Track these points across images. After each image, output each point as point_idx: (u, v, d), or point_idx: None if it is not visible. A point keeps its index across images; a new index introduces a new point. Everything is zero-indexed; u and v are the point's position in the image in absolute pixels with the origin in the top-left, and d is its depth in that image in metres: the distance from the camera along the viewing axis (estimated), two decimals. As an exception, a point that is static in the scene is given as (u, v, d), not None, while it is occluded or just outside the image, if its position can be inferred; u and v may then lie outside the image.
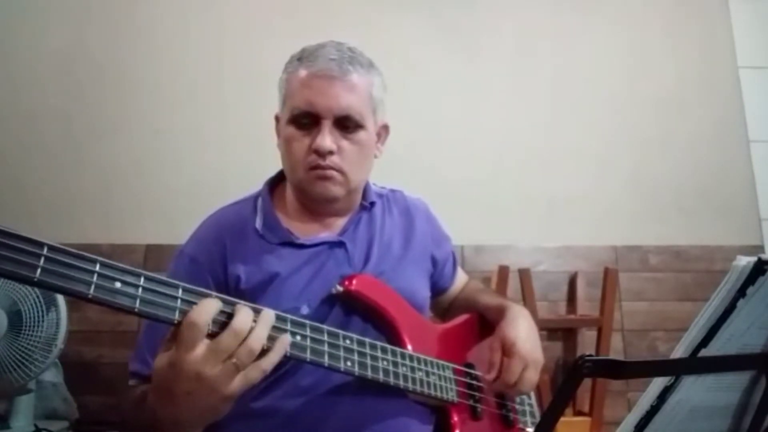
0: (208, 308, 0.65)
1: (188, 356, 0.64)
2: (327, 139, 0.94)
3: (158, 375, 0.67)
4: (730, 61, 2.41)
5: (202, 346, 0.64)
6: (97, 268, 0.61)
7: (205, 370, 0.64)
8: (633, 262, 2.24)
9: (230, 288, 0.93)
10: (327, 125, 0.94)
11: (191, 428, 0.71)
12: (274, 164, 1.08)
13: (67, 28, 2.25)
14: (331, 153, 0.95)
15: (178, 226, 1.29)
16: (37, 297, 1.56)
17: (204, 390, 0.65)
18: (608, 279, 2.09)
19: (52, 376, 1.81)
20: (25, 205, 2.12)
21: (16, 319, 1.54)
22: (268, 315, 0.69)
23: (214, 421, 0.71)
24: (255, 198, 1.06)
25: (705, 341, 0.58)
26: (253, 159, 1.88)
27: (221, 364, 0.64)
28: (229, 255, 0.96)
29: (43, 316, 1.55)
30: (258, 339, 0.66)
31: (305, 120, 0.95)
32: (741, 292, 0.57)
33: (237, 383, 0.66)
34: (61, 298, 1.60)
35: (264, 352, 0.67)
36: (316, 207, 1.02)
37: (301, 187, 1.00)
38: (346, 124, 0.96)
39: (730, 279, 0.58)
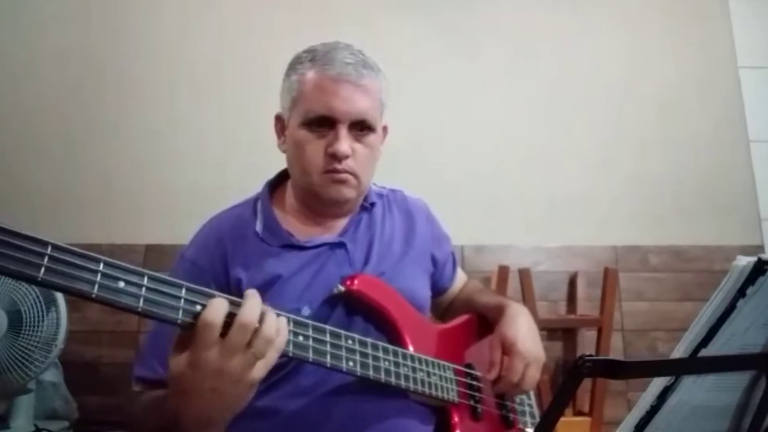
0: (220, 307, 0.65)
1: (207, 355, 0.64)
2: (345, 143, 0.94)
3: (179, 378, 0.67)
4: (730, 61, 2.41)
5: (217, 344, 0.65)
6: (101, 267, 0.61)
7: (224, 365, 0.65)
8: (633, 262, 2.24)
9: (232, 291, 0.93)
10: (344, 129, 0.95)
11: (219, 422, 0.72)
12: (274, 164, 1.08)
13: (67, 27, 2.25)
14: (346, 157, 0.95)
15: (178, 226, 1.29)
16: (37, 297, 1.56)
17: (228, 383, 0.66)
18: (608, 279, 2.09)
19: (52, 376, 1.81)
20: (25, 206, 2.12)
21: (16, 319, 1.54)
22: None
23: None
24: (255, 201, 1.06)
25: (705, 341, 0.58)
26: (253, 159, 1.88)
27: (239, 355, 0.65)
28: (230, 258, 0.96)
29: (43, 316, 1.55)
30: (271, 325, 0.67)
31: (320, 123, 0.95)
32: (741, 292, 0.57)
33: (258, 369, 0.67)
34: (61, 298, 1.60)
35: None
36: (324, 209, 1.02)
37: (313, 190, 0.99)
38: (360, 128, 0.97)
39: (730, 279, 0.58)
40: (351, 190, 0.98)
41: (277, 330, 0.68)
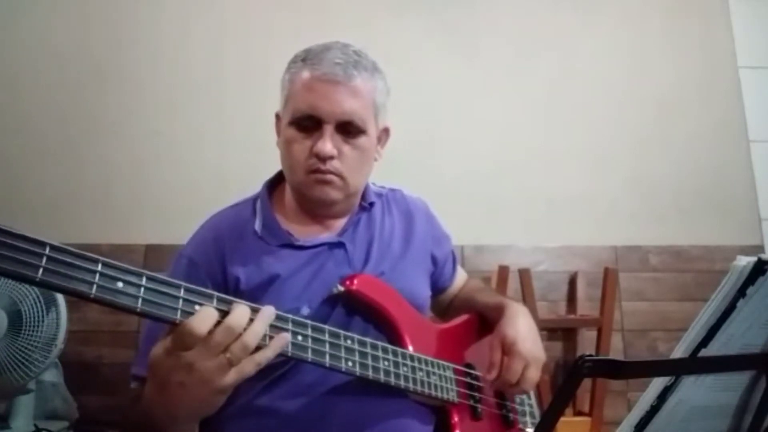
0: (207, 317, 0.65)
1: (183, 351, 0.65)
2: (328, 143, 0.93)
3: (154, 364, 0.68)
4: (730, 61, 2.41)
5: (197, 344, 0.65)
6: (99, 267, 0.61)
7: (197, 362, 0.65)
8: (633, 262, 2.24)
9: (229, 290, 0.93)
10: (329, 130, 0.94)
11: (184, 422, 0.71)
12: (274, 164, 1.08)
13: (68, 28, 2.26)
14: (331, 158, 0.94)
15: (178, 226, 1.28)
16: (37, 297, 1.56)
17: (196, 382, 0.65)
18: (608, 279, 2.09)
19: (52, 376, 1.81)
20: (25, 205, 2.12)
21: (16, 319, 1.54)
22: (268, 311, 0.70)
23: (210, 416, 0.71)
24: (254, 200, 1.06)
25: (705, 341, 0.58)
26: (253, 159, 1.88)
27: (214, 357, 0.65)
28: (228, 257, 0.96)
29: (43, 316, 1.55)
30: (254, 335, 0.67)
31: (307, 123, 0.95)
32: (741, 292, 0.57)
33: (230, 377, 0.66)
34: (61, 298, 1.60)
35: (260, 346, 0.68)
36: (314, 209, 1.02)
37: (299, 189, 1.00)
38: (348, 129, 0.96)
39: (730, 279, 0.58)
40: (336, 192, 0.97)
41: (257, 339, 0.67)
